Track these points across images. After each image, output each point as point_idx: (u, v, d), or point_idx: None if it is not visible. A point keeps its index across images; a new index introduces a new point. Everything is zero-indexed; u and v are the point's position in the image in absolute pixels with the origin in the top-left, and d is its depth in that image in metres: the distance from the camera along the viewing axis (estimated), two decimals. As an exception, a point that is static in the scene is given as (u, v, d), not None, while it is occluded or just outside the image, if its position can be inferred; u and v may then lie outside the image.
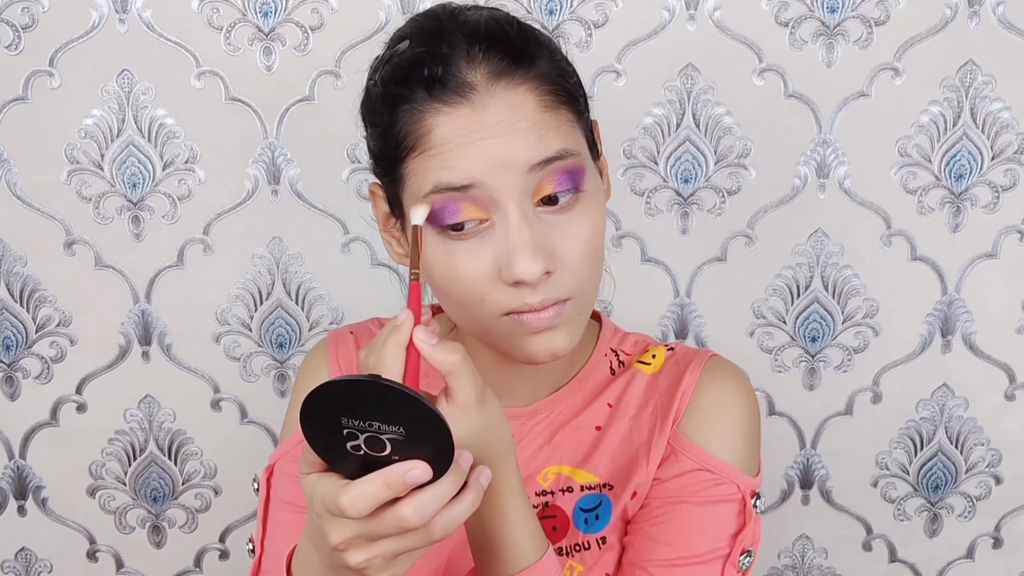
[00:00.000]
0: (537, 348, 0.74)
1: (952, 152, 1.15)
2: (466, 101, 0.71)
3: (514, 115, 0.71)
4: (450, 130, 0.71)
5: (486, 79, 0.71)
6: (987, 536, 1.27)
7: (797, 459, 1.24)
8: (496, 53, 0.72)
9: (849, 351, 1.20)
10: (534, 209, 0.72)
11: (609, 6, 1.11)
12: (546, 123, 0.72)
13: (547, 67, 0.74)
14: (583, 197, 0.74)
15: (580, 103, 0.76)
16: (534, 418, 0.84)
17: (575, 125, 0.75)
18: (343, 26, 1.11)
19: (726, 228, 1.17)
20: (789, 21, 1.11)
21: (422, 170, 0.72)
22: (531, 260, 0.70)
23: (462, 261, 0.72)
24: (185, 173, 1.15)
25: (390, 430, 0.58)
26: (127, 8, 1.10)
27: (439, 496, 0.60)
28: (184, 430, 1.23)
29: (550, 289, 0.72)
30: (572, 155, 0.73)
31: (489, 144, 0.70)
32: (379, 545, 0.61)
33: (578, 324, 0.76)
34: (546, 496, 0.83)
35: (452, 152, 0.71)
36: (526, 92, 0.72)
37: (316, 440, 0.61)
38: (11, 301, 1.19)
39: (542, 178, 0.71)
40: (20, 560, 1.27)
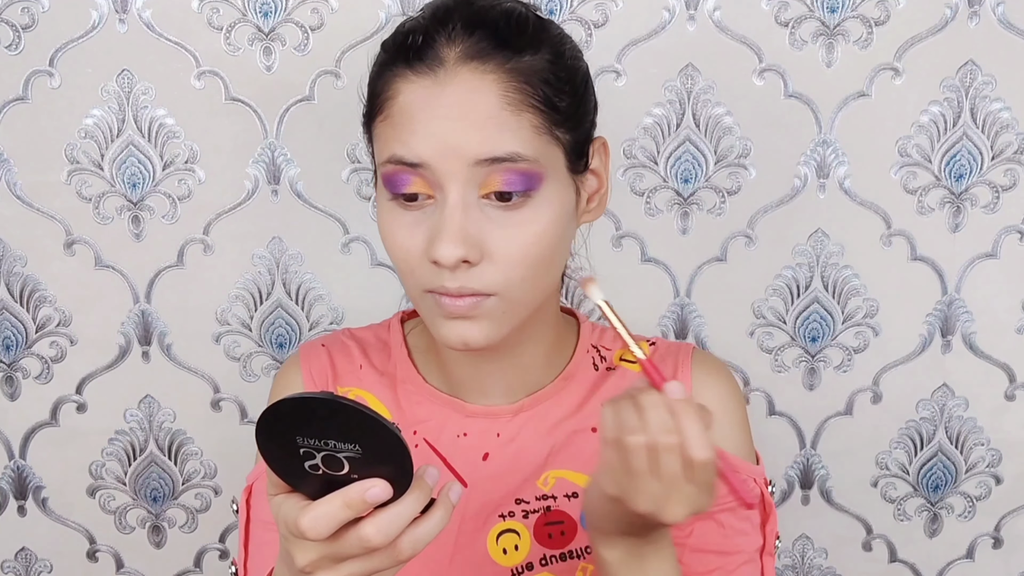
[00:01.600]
0: (450, 333, 0.75)
1: (952, 152, 1.15)
2: (431, 73, 0.72)
3: (471, 101, 0.71)
4: (411, 99, 0.72)
5: (457, 58, 0.72)
6: (987, 536, 1.27)
7: (797, 459, 1.24)
8: (477, 36, 0.73)
9: (849, 351, 1.20)
10: (479, 200, 0.72)
11: (609, 6, 1.11)
12: (504, 122, 0.71)
13: (531, 65, 0.73)
14: (534, 203, 0.73)
15: (561, 112, 0.74)
16: (520, 416, 0.84)
17: (541, 132, 0.73)
18: (343, 26, 1.11)
19: (726, 228, 1.17)
20: (789, 21, 1.11)
21: (384, 137, 0.75)
22: (451, 244, 0.70)
23: (401, 230, 0.74)
24: (185, 173, 1.15)
25: (346, 448, 0.57)
26: (127, 8, 1.10)
27: (402, 514, 0.60)
28: (184, 430, 1.23)
29: (470, 279, 0.72)
30: (525, 160, 0.72)
31: (442, 126, 0.71)
32: (345, 566, 0.61)
33: (502, 322, 0.75)
34: (547, 500, 0.83)
35: (408, 126, 0.72)
36: (492, 82, 0.72)
37: (274, 461, 0.60)
38: (11, 301, 1.19)
39: (490, 174, 0.71)
40: (20, 560, 1.27)
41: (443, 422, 0.85)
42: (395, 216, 0.75)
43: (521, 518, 0.82)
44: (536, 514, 0.82)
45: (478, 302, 0.73)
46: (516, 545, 0.82)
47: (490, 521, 0.82)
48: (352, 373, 0.89)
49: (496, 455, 0.83)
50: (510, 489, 0.83)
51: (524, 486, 0.83)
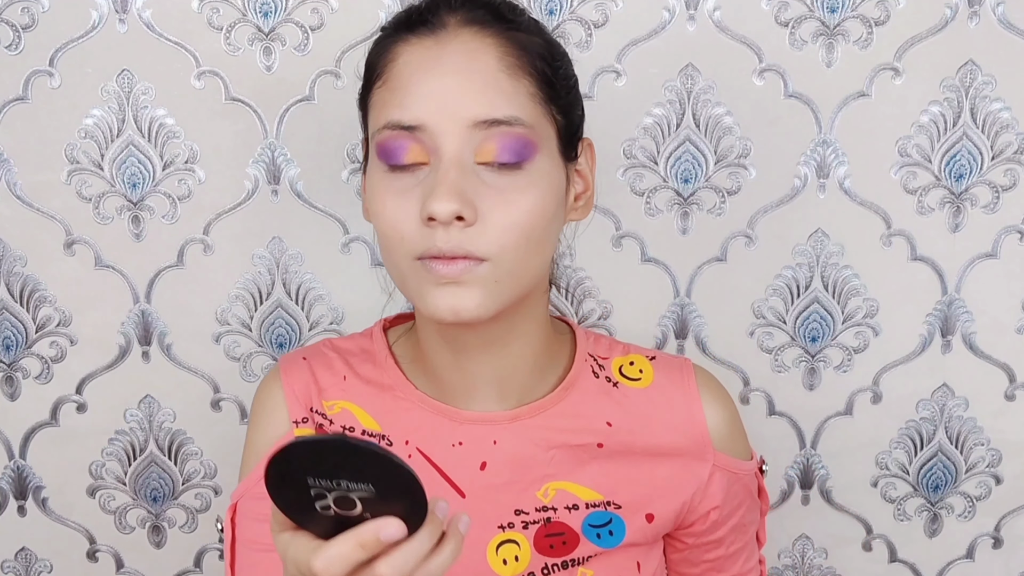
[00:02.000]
0: (441, 301, 0.73)
1: (952, 152, 1.15)
2: (432, 35, 0.74)
3: (471, 60, 0.72)
4: (411, 59, 0.74)
5: (458, 22, 0.75)
6: (987, 536, 1.27)
7: (797, 459, 1.24)
8: (478, 6, 0.76)
9: (849, 351, 1.20)
10: (474, 165, 0.73)
11: (609, 6, 1.11)
12: (502, 85, 0.73)
13: (528, 40, 0.76)
14: (529, 171, 0.74)
15: (555, 91, 0.76)
16: (517, 424, 0.83)
17: (537, 101, 0.74)
18: (343, 26, 1.11)
19: (726, 228, 1.17)
20: (789, 21, 1.11)
21: (381, 103, 0.75)
22: (447, 199, 0.70)
23: (393, 196, 0.74)
24: (185, 173, 1.15)
25: (359, 488, 0.56)
26: (127, 8, 1.10)
27: (416, 552, 0.59)
28: (184, 430, 1.23)
29: (464, 239, 0.72)
30: (522, 125, 0.73)
31: (441, 85, 0.72)
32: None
33: (493, 293, 0.74)
34: (547, 512, 0.82)
35: (407, 88, 0.73)
36: (491, 45, 0.73)
37: (283, 501, 0.59)
38: (11, 301, 1.19)
39: (487, 138, 0.72)
40: (20, 560, 1.27)
41: (436, 430, 0.84)
42: (386, 184, 0.75)
43: (521, 529, 0.82)
44: (536, 525, 0.82)
45: (470, 266, 0.72)
46: (516, 556, 0.81)
47: (489, 532, 0.82)
48: (336, 386, 0.88)
49: (494, 464, 0.82)
50: (509, 500, 0.82)
51: (523, 497, 0.82)
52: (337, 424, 0.86)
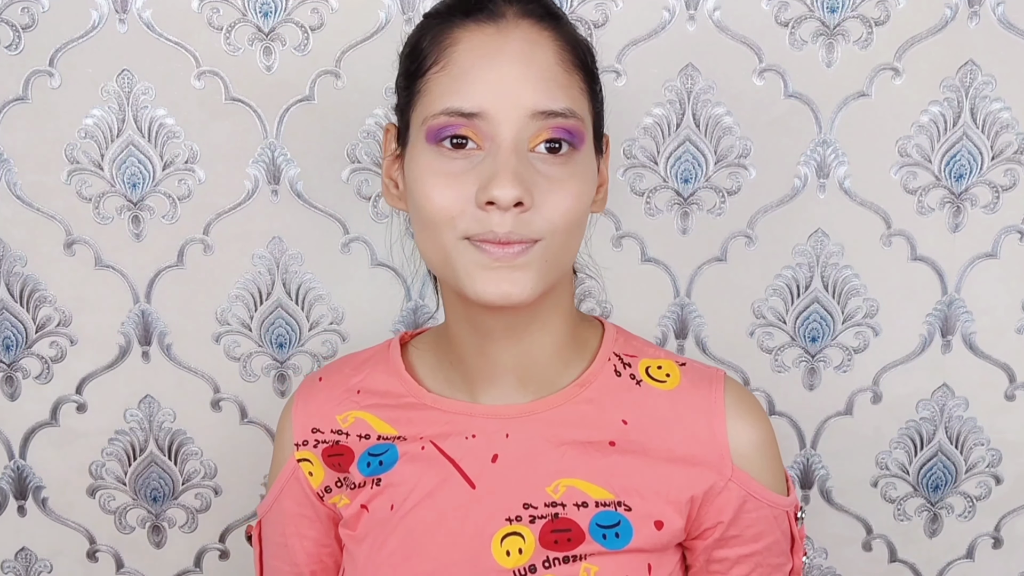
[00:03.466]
0: (490, 283, 0.75)
1: (952, 152, 1.15)
2: (493, 23, 0.76)
3: (532, 52, 0.75)
4: (472, 46, 0.76)
5: (516, 13, 0.77)
6: (987, 536, 1.27)
7: (797, 459, 1.24)
8: (529, 2, 0.79)
9: (849, 351, 1.20)
10: (527, 152, 0.76)
11: (609, 6, 1.11)
12: (559, 79, 0.76)
13: (574, 36, 0.80)
14: (576, 160, 0.77)
15: (596, 85, 0.81)
16: (532, 417, 0.83)
17: (585, 96, 0.79)
18: (343, 26, 1.11)
19: (726, 228, 1.17)
20: (789, 21, 1.11)
21: (438, 88, 0.76)
22: (510, 185, 0.72)
23: (447, 176, 0.75)
24: (185, 173, 1.15)
25: None
26: (127, 8, 1.10)
27: None
28: (184, 430, 1.23)
29: (520, 225, 0.74)
30: (576, 118, 0.76)
31: (504, 74, 0.74)
32: None
33: (543, 273, 0.76)
34: (556, 507, 0.82)
35: (468, 75, 0.75)
36: (549, 38, 0.77)
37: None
38: (11, 301, 1.19)
39: (542, 128, 0.75)
40: (20, 560, 1.27)
41: (450, 426, 0.85)
42: (439, 163, 0.76)
43: (528, 522, 0.82)
44: (543, 520, 0.82)
45: (525, 249, 0.75)
46: (520, 548, 0.81)
47: (496, 523, 0.82)
48: (349, 400, 0.90)
49: (505, 457, 0.82)
50: (518, 493, 0.82)
51: (533, 491, 0.82)
52: (353, 434, 0.89)
